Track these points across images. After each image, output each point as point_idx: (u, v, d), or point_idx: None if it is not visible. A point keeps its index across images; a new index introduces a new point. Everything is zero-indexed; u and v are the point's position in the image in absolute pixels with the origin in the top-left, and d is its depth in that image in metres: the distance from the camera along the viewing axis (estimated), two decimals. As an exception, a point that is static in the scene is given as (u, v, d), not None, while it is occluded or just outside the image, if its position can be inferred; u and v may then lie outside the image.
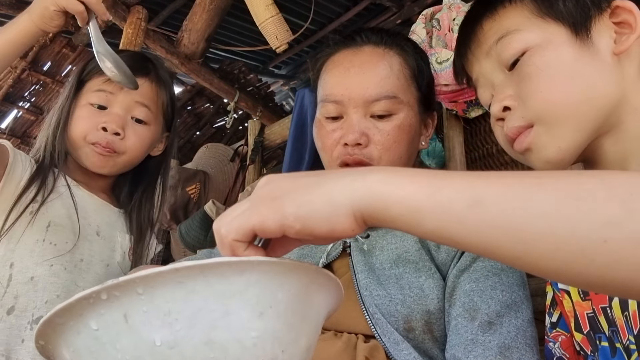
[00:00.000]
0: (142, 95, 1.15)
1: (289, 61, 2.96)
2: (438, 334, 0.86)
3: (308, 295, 0.48)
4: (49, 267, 1.06)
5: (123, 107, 1.14)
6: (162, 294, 0.43)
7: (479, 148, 1.38)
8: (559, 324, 0.86)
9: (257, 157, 2.45)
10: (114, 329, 0.43)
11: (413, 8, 2.23)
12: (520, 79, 0.74)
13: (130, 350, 0.43)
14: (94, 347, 0.45)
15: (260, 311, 0.45)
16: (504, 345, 0.80)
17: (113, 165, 1.15)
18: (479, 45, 0.80)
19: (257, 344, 0.44)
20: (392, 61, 1.00)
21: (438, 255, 0.91)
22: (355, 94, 0.97)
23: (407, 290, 0.87)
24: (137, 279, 0.42)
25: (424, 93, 1.04)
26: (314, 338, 0.51)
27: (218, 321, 0.43)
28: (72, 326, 0.45)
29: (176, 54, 2.37)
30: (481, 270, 0.88)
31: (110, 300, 0.43)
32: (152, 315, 0.43)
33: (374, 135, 0.96)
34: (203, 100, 3.38)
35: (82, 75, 1.18)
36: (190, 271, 0.43)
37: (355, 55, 1.01)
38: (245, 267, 0.44)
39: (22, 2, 2.41)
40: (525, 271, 0.84)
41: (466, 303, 0.85)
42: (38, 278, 1.05)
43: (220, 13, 2.23)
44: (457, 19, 1.36)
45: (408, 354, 0.81)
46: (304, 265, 0.47)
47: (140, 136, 1.16)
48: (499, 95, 0.78)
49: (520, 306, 0.85)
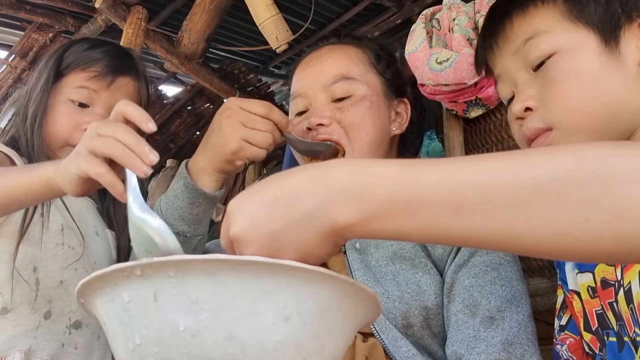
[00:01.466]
0: (125, 95, 1.10)
1: (289, 61, 2.96)
2: (437, 330, 0.87)
3: (340, 308, 0.47)
4: (74, 270, 1.05)
5: (106, 107, 1.08)
6: (192, 281, 0.43)
7: (479, 148, 1.38)
8: (567, 326, 0.87)
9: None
10: (143, 305, 0.44)
11: (413, 8, 2.23)
12: (545, 81, 0.74)
13: (155, 330, 0.44)
14: (123, 318, 0.46)
15: (287, 316, 0.44)
16: (507, 341, 0.80)
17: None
18: (507, 43, 0.80)
19: (278, 348, 0.44)
20: (348, 50, 1.05)
21: (434, 251, 0.92)
22: (314, 82, 1.01)
23: (405, 287, 0.87)
24: (170, 262, 0.43)
25: (388, 79, 1.06)
26: (341, 351, 0.50)
27: (242, 318, 0.43)
28: (108, 293, 0.47)
29: (176, 54, 2.37)
30: (479, 266, 0.88)
31: (143, 277, 0.44)
32: (180, 300, 0.43)
33: (335, 114, 0.98)
34: (203, 100, 3.38)
35: (60, 67, 1.11)
36: (222, 264, 0.43)
37: (314, 53, 1.07)
38: (278, 269, 0.44)
39: (22, 2, 2.41)
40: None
41: (466, 299, 0.85)
42: (68, 282, 1.04)
43: (220, 13, 2.23)
44: (457, 19, 1.36)
45: (407, 350, 0.81)
46: (340, 277, 0.46)
47: None
48: (521, 95, 0.78)
49: (520, 301, 0.86)
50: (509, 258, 0.92)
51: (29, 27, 2.64)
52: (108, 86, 1.09)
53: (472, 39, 1.33)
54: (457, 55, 1.25)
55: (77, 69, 1.10)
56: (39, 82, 1.10)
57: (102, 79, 1.10)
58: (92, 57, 1.11)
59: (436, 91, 1.32)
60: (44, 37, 2.67)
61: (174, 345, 0.44)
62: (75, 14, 2.54)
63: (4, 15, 2.48)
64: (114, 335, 0.48)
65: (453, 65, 1.25)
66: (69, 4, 2.42)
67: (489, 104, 1.32)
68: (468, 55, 1.24)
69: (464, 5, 1.40)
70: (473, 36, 1.33)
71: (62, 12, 2.53)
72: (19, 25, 2.68)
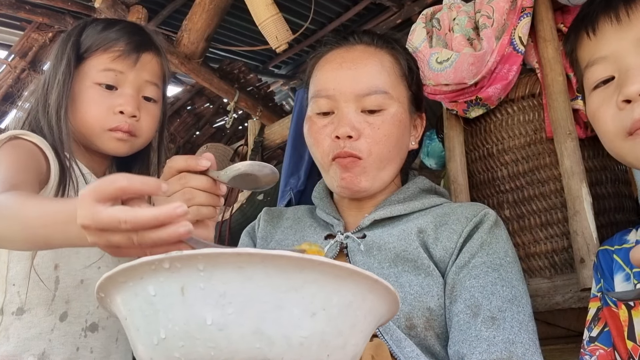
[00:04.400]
0: (151, 73, 1.10)
1: (288, 61, 2.96)
2: (439, 331, 0.87)
3: (363, 304, 0.48)
4: (97, 269, 1.01)
5: (134, 87, 1.07)
6: (220, 275, 0.43)
7: (479, 148, 1.38)
8: (598, 338, 0.87)
9: (257, 157, 2.44)
10: (170, 298, 0.44)
11: (413, 8, 2.23)
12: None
13: (181, 324, 0.44)
14: (147, 312, 0.46)
15: (313, 311, 0.45)
16: (509, 341, 0.80)
17: (131, 147, 1.09)
18: (630, 27, 0.80)
19: (304, 343, 0.44)
20: (383, 59, 1.03)
21: (435, 252, 0.92)
22: (347, 89, 0.98)
23: (407, 289, 0.87)
24: (199, 255, 0.43)
25: (413, 92, 1.06)
26: (361, 347, 0.50)
27: (269, 313, 0.43)
28: (132, 287, 0.46)
29: (176, 54, 2.36)
30: (480, 267, 0.88)
31: (171, 270, 0.44)
32: (208, 294, 0.43)
33: (364, 129, 0.97)
34: (203, 100, 3.37)
35: (80, 50, 1.08)
36: (251, 258, 0.43)
37: (347, 52, 1.04)
38: (306, 264, 0.44)
39: (21, 2, 2.41)
40: None
41: (467, 300, 0.86)
42: (89, 281, 1.01)
43: (220, 13, 2.23)
44: (458, 18, 1.36)
45: (411, 351, 0.82)
46: (364, 273, 0.46)
47: (153, 115, 1.11)
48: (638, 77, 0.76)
49: (520, 301, 0.86)
50: (510, 259, 0.92)
51: (29, 27, 2.63)
52: (134, 65, 1.06)
53: (472, 38, 1.32)
54: (458, 55, 1.25)
55: (99, 51, 1.07)
56: (59, 68, 1.05)
57: (126, 59, 1.07)
58: (110, 37, 1.08)
59: (436, 91, 1.31)
60: (43, 36, 2.67)
61: (200, 339, 0.43)
62: (75, 13, 2.53)
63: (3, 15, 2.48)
64: (137, 329, 0.47)
65: (453, 65, 1.24)
66: (68, 4, 2.42)
67: (489, 104, 1.32)
68: (468, 55, 1.24)
69: (464, 5, 1.40)
70: (473, 36, 1.33)
71: (62, 12, 2.53)
72: (18, 25, 2.68)
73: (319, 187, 1.14)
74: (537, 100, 1.30)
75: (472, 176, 1.39)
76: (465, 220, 0.94)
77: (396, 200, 1.02)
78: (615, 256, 0.90)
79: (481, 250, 0.91)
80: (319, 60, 1.07)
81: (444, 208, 1.00)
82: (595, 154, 1.27)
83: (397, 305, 0.51)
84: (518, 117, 1.32)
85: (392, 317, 0.53)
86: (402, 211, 0.99)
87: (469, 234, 0.93)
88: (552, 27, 1.29)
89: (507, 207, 1.30)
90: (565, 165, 1.18)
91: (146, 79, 1.09)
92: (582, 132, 1.24)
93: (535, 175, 1.27)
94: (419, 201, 1.02)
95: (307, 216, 1.11)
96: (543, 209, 1.25)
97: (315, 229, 1.05)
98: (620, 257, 0.89)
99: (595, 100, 0.83)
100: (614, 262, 0.90)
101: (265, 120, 2.65)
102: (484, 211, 0.96)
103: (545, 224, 1.24)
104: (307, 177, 1.83)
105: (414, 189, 1.05)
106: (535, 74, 1.31)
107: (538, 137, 1.28)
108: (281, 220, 1.13)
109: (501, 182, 1.32)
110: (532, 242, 1.25)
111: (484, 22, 1.30)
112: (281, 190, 1.90)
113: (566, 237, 1.20)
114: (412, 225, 0.96)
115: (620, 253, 0.90)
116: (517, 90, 1.32)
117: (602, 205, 1.24)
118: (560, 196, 1.22)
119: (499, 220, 0.98)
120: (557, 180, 1.23)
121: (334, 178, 1.00)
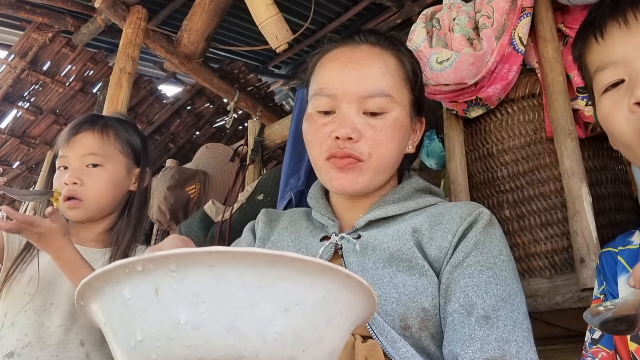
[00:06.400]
0: (86, 147, 1.33)
1: (288, 61, 2.96)
2: (434, 331, 0.87)
3: (338, 300, 0.48)
4: (24, 312, 1.23)
5: (77, 161, 1.33)
6: (193, 274, 0.44)
7: (479, 148, 1.38)
8: (600, 340, 0.87)
9: (257, 157, 2.44)
10: (145, 301, 0.45)
11: (413, 8, 2.23)
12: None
13: (157, 325, 0.44)
14: (125, 315, 0.46)
15: (286, 307, 0.45)
16: (502, 339, 0.80)
17: (85, 210, 1.31)
18: (639, 30, 0.80)
19: (279, 339, 0.45)
20: (388, 61, 1.02)
21: (430, 252, 0.91)
22: (350, 89, 0.97)
23: (402, 289, 0.87)
24: (171, 256, 0.43)
25: (416, 96, 1.05)
26: (340, 343, 0.50)
27: (243, 310, 0.44)
28: (109, 292, 0.47)
29: (176, 54, 2.36)
30: (475, 265, 0.88)
31: (144, 272, 0.44)
32: (181, 294, 0.44)
33: (366, 131, 0.96)
34: (203, 100, 3.38)
35: (55, 154, 1.39)
36: (222, 256, 0.44)
37: (352, 51, 1.02)
38: (277, 260, 0.44)
39: (21, 2, 2.41)
40: None
41: (461, 299, 0.85)
42: (16, 322, 1.23)
43: (220, 13, 2.23)
44: (458, 18, 1.36)
45: (406, 351, 0.81)
46: (337, 269, 0.47)
47: (97, 177, 1.32)
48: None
49: (515, 299, 0.86)
50: (504, 258, 0.91)
51: (29, 27, 2.63)
52: (67, 145, 1.34)
53: (473, 38, 1.32)
54: (457, 55, 1.25)
55: (60, 146, 1.39)
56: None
57: (64, 143, 1.37)
58: (63, 134, 1.40)
59: (436, 91, 1.31)
60: (43, 36, 2.67)
61: (175, 339, 0.44)
62: (75, 13, 2.53)
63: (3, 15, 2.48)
64: (115, 334, 0.48)
65: (453, 65, 1.24)
66: (68, 4, 2.42)
67: (489, 103, 1.32)
68: (468, 55, 1.24)
69: (464, 5, 1.40)
70: (473, 36, 1.33)
71: (62, 12, 2.53)
72: (18, 25, 2.68)
73: (314, 189, 1.14)
74: (537, 100, 1.30)
75: (472, 176, 1.39)
76: (460, 219, 0.94)
77: (391, 200, 1.02)
78: (619, 257, 0.90)
79: (475, 249, 0.90)
80: (322, 57, 1.05)
81: (438, 207, 0.99)
82: (595, 154, 1.27)
83: (373, 301, 0.52)
84: (518, 117, 1.32)
85: (372, 313, 0.53)
86: (397, 211, 0.99)
87: (463, 233, 0.92)
88: (552, 27, 1.29)
89: (507, 207, 1.30)
90: (565, 165, 1.18)
91: (83, 153, 1.33)
92: (582, 132, 1.24)
93: (535, 175, 1.27)
94: (413, 201, 1.02)
95: (304, 218, 1.11)
96: (543, 209, 1.25)
97: (311, 231, 1.05)
98: (624, 258, 0.89)
99: (606, 104, 0.83)
100: (617, 264, 0.89)
101: (265, 120, 2.65)
102: (478, 210, 0.96)
103: (545, 224, 1.24)
104: (307, 177, 1.83)
105: (408, 189, 1.05)
106: (535, 74, 1.31)
107: (538, 137, 1.28)
108: (278, 222, 1.13)
109: (501, 182, 1.32)
110: (532, 242, 1.25)
111: (484, 22, 1.30)
112: (281, 190, 1.89)
113: (566, 237, 1.20)
114: (407, 225, 0.95)
115: (624, 254, 0.89)
116: (517, 90, 1.32)
117: (602, 205, 1.24)
118: (560, 196, 1.22)
119: (494, 219, 0.97)
120: (557, 180, 1.23)
121: (326, 177, 1.00)
